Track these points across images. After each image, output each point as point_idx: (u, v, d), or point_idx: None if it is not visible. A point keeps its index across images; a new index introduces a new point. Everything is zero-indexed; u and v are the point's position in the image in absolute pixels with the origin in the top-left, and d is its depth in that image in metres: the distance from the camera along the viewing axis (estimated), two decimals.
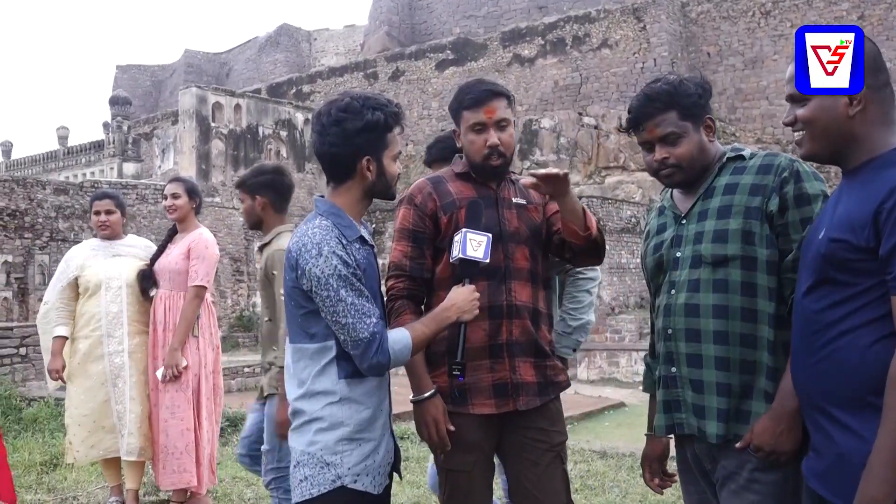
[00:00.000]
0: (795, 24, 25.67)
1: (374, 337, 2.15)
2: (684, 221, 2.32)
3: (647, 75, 25.60)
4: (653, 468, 2.48)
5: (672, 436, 2.38)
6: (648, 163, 2.36)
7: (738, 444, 2.12)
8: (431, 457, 2.53)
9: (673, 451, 2.47)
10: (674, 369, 2.27)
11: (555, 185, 2.39)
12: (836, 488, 1.78)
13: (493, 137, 2.59)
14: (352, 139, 2.24)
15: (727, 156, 2.32)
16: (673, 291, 2.28)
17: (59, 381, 4.56)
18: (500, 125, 2.61)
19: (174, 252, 4.54)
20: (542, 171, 2.38)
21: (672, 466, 2.50)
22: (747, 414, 2.15)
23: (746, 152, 2.31)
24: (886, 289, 1.69)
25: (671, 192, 2.44)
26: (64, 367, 4.52)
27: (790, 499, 2.08)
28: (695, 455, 2.29)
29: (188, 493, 4.49)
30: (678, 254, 2.30)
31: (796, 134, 1.92)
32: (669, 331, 2.27)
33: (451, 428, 2.51)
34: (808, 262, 1.90)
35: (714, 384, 2.17)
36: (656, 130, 2.29)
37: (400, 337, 2.23)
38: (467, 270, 2.38)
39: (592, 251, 2.60)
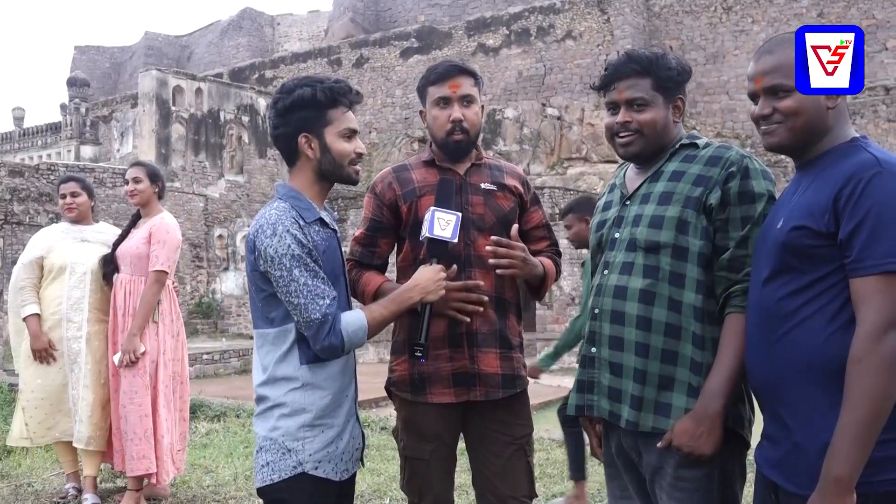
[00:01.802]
0: (756, 20, 25.99)
1: (325, 318, 2.13)
2: (628, 203, 2.29)
3: None
4: (598, 431, 2.43)
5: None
6: (609, 125, 2.31)
7: (658, 444, 2.08)
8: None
9: None
10: (594, 349, 2.24)
11: (519, 267, 2.46)
12: (793, 476, 1.79)
13: (457, 112, 2.58)
14: (285, 117, 2.26)
15: (681, 142, 2.28)
16: (606, 272, 2.26)
17: (49, 360, 4.46)
18: (465, 101, 2.59)
19: (136, 236, 4.47)
20: (504, 242, 2.45)
21: None
22: (668, 407, 2.10)
23: (701, 141, 2.28)
24: (845, 274, 1.72)
25: (625, 171, 2.41)
26: (51, 345, 4.46)
27: (717, 491, 2.08)
28: (619, 447, 2.26)
29: (144, 481, 4.42)
30: (616, 234, 2.27)
31: (765, 126, 1.90)
32: (596, 311, 2.25)
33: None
34: (765, 252, 1.91)
35: (632, 369, 2.14)
36: (626, 92, 2.24)
37: (354, 319, 2.21)
38: (435, 250, 2.35)
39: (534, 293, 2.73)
